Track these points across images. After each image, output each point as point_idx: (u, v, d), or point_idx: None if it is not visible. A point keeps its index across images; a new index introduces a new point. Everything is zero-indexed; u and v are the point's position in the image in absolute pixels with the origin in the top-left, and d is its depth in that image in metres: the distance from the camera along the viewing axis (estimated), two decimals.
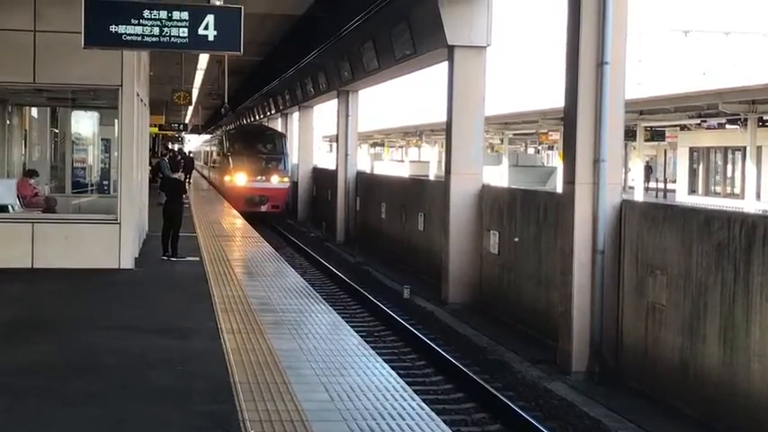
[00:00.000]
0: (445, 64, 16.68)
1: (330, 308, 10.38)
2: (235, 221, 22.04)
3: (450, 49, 16.10)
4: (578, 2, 11.28)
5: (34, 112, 18.04)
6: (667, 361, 10.08)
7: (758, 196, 28.67)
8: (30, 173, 15.22)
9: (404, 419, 6.12)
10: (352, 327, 9.67)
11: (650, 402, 10.04)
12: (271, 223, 31.28)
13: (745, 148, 27.59)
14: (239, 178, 31.25)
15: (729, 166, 35.17)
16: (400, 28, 18.40)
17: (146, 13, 9.70)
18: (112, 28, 9.67)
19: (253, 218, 26.44)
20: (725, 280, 9.13)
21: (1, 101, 15.65)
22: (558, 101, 12.86)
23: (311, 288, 11.78)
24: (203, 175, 52.37)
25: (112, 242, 12.78)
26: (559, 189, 14.83)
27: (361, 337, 9.19)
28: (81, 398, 6.54)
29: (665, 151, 48.83)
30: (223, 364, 7.46)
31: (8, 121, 16.13)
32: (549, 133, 39.93)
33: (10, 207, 13.61)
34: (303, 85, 32.06)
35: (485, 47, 16.11)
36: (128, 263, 12.88)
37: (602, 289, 11.15)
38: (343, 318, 10.18)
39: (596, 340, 11.14)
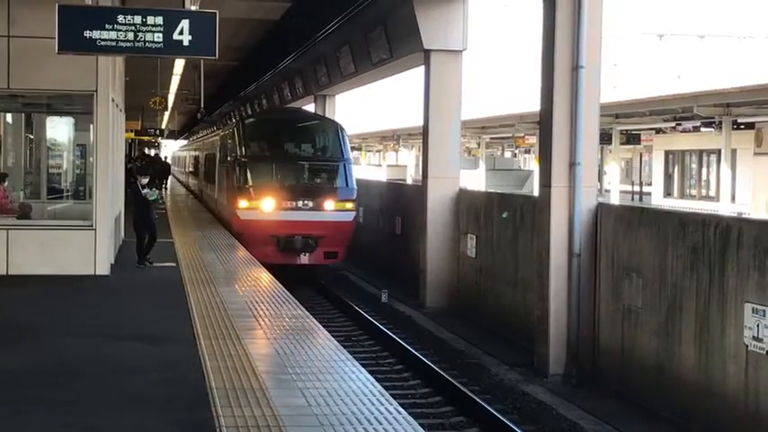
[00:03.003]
0: (422, 68, 16.72)
1: (307, 312, 10.36)
2: (212, 229, 21.92)
3: (427, 53, 16.15)
4: (553, 6, 11.35)
5: (9, 117, 17.88)
6: (644, 363, 10.13)
7: (733, 199, 28.87)
8: None
9: (381, 424, 6.11)
10: (329, 331, 9.65)
11: (627, 404, 10.09)
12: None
13: (719, 150, 27.76)
14: (265, 204, 18.49)
15: (704, 169, 35.40)
16: (376, 32, 18.42)
17: (120, 17, 9.62)
18: (87, 33, 9.59)
19: (283, 271, 16.37)
20: (700, 282, 9.20)
21: None
22: (534, 104, 12.91)
23: (288, 293, 11.74)
24: (194, 194, 36.51)
25: (88, 248, 12.70)
26: (536, 192, 14.88)
27: (339, 341, 9.17)
28: (55, 405, 6.48)
29: (641, 154, 49.11)
30: (199, 370, 7.42)
31: None
32: (526, 137, 40.08)
33: None
34: (280, 89, 32.00)
35: (461, 51, 16.18)
36: (103, 269, 12.79)
37: (578, 292, 11.20)
38: (320, 322, 10.16)
39: (573, 343, 11.19)
